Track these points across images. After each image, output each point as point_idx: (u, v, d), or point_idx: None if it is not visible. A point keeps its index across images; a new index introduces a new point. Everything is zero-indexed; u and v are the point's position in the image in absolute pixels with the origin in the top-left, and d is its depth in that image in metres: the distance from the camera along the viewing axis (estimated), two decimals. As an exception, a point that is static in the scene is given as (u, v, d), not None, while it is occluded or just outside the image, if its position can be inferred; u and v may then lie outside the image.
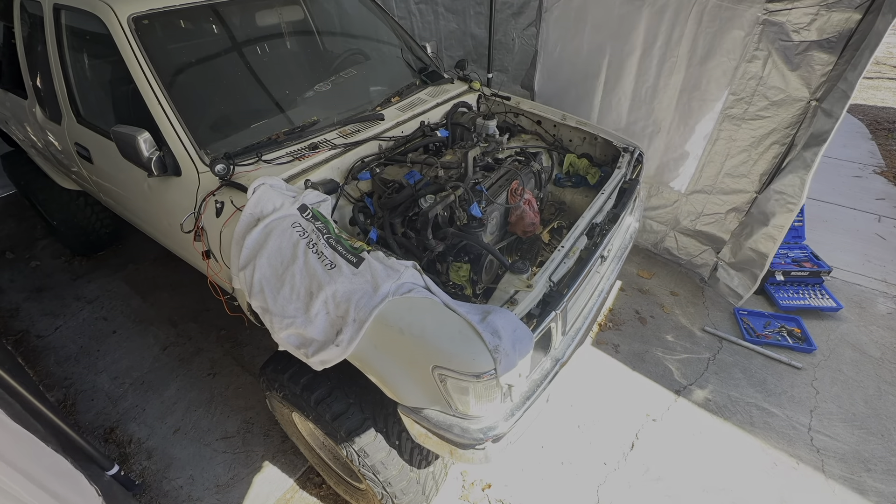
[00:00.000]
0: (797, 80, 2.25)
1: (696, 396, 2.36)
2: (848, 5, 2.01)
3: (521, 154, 2.09)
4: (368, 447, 1.46)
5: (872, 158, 4.66)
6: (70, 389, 2.50)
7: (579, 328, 1.68)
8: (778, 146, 2.45)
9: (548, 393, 1.49)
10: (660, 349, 2.61)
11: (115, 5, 1.77)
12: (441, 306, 1.24)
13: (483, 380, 1.18)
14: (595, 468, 2.07)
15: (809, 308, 2.76)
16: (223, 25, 2.12)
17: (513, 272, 1.44)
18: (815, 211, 3.70)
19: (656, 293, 2.99)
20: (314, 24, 2.60)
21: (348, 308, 1.25)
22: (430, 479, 1.71)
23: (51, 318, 2.95)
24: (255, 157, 1.70)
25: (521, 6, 3.15)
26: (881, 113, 5.81)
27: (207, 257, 1.68)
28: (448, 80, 2.56)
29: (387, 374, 1.30)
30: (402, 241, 1.60)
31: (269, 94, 2.09)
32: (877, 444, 2.13)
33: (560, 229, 2.14)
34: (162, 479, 2.09)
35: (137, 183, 1.91)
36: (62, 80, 2.10)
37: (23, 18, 2.36)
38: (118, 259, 3.45)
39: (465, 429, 1.29)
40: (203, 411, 2.36)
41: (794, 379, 2.43)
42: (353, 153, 1.87)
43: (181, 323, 2.86)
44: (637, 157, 2.15)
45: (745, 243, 2.68)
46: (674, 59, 2.59)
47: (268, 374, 1.65)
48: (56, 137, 2.36)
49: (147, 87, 1.70)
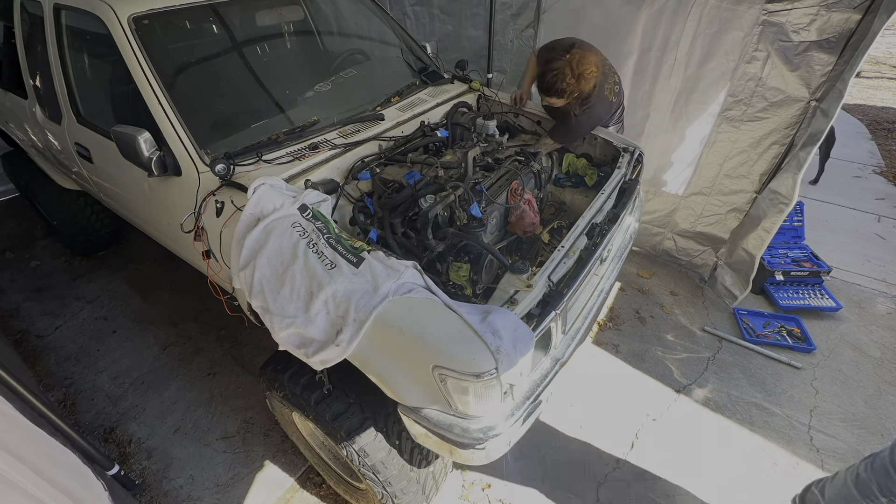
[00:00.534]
0: (797, 81, 2.26)
1: (696, 396, 2.36)
2: (848, 5, 2.01)
3: (521, 154, 2.09)
4: (368, 447, 1.46)
5: (872, 158, 4.66)
6: (70, 389, 2.50)
7: (579, 328, 1.68)
8: (777, 146, 2.45)
9: (548, 392, 1.49)
10: (660, 349, 2.61)
11: (115, 5, 1.77)
12: (441, 306, 1.25)
13: (483, 379, 1.18)
14: (595, 468, 2.07)
15: (809, 308, 2.76)
16: (223, 25, 2.12)
17: (513, 272, 1.44)
18: (814, 211, 3.70)
19: (656, 293, 2.99)
20: (314, 24, 2.60)
21: (348, 308, 1.25)
22: (430, 479, 1.71)
23: (51, 318, 2.95)
24: (255, 156, 1.70)
25: (519, 7, 3.15)
26: (881, 113, 5.82)
27: (207, 257, 1.69)
28: (448, 80, 2.56)
29: (387, 373, 1.30)
30: (402, 241, 1.60)
31: (269, 93, 2.09)
32: (877, 443, 2.13)
33: (560, 229, 2.15)
34: (162, 478, 2.09)
35: (138, 183, 1.91)
36: (62, 79, 2.10)
37: (23, 18, 2.36)
38: (118, 259, 3.45)
39: (465, 428, 1.30)
40: (203, 411, 2.36)
41: (793, 378, 2.43)
42: (353, 153, 1.87)
43: (181, 323, 2.87)
44: (637, 157, 2.15)
45: (739, 243, 2.69)
46: (672, 60, 2.59)
47: (268, 373, 1.65)
48: (56, 137, 2.36)
49: (147, 86, 1.70)
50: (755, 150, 2.53)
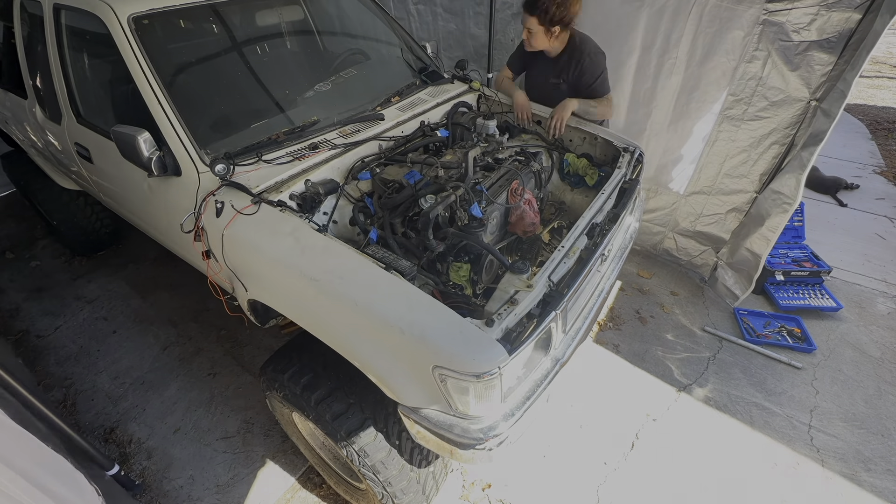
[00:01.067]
0: (797, 81, 2.25)
1: (697, 396, 2.36)
2: (848, 5, 2.01)
3: (522, 154, 2.09)
4: (368, 447, 1.46)
5: (872, 158, 4.66)
6: (70, 389, 2.50)
7: (579, 328, 1.67)
8: (778, 146, 2.45)
9: (548, 393, 1.49)
10: (660, 349, 2.61)
11: (115, 5, 1.76)
12: (442, 306, 1.25)
13: (484, 380, 1.18)
14: (595, 468, 2.07)
15: (809, 308, 2.76)
16: (223, 25, 2.12)
17: (513, 272, 1.44)
18: (814, 211, 3.70)
19: (656, 293, 2.99)
20: (314, 24, 2.60)
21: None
22: (430, 479, 1.71)
23: (51, 318, 2.95)
24: (255, 156, 1.70)
25: (521, 6, 3.15)
26: (881, 113, 5.82)
27: (208, 257, 1.68)
28: (448, 79, 2.56)
29: (387, 373, 1.30)
30: (402, 241, 1.60)
31: (269, 93, 2.09)
32: (877, 443, 2.13)
33: (560, 229, 2.14)
34: (162, 478, 2.09)
35: (137, 183, 1.90)
36: (62, 79, 2.10)
37: (23, 18, 2.35)
38: (118, 259, 3.45)
39: (465, 429, 1.29)
40: (203, 411, 2.35)
41: (794, 378, 2.43)
42: (353, 153, 1.87)
43: (181, 323, 2.86)
44: (637, 157, 2.15)
45: (742, 243, 2.68)
46: (673, 60, 2.59)
47: (268, 373, 1.65)
48: (56, 137, 2.36)
49: (147, 86, 1.69)
50: (755, 150, 2.53)
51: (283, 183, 1.66)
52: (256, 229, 1.51)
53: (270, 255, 1.47)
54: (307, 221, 1.50)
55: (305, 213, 1.59)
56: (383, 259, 1.39)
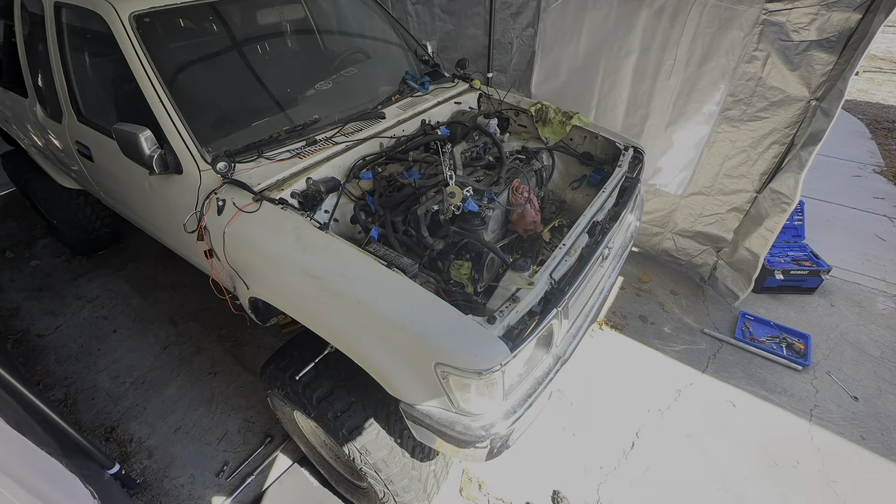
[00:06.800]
0: (797, 80, 2.26)
1: (697, 395, 2.36)
2: (848, 5, 2.01)
3: (522, 152, 2.09)
4: (370, 445, 1.47)
5: (872, 158, 4.67)
6: (71, 388, 2.49)
7: (580, 326, 1.68)
8: (777, 146, 2.45)
9: (549, 390, 1.50)
10: (660, 348, 2.61)
11: (116, 3, 1.77)
12: (444, 303, 1.25)
13: (485, 377, 1.18)
14: (595, 467, 2.07)
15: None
16: (224, 24, 2.12)
17: (514, 270, 1.44)
18: (814, 210, 3.71)
19: (656, 292, 2.99)
20: (315, 23, 2.60)
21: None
22: (431, 477, 1.71)
23: (51, 318, 2.94)
24: (256, 154, 1.70)
25: (520, 6, 3.15)
26: (881, 112, 5.83)
27: (210, 256, 1.68)
28: (448, 78, 2.56)
29: (388, 370, 1.30)
30: (403, 239, 1.60)
31: (270, 92, 2.09)
32: (877, 442, 2.13)
33: (561, 227, 2.15)
34: (163, 477, 2.09)
35: (138, 181, 1.90)
36: (63, 78, 2.10)
37: (23, 17, 2.35)
38: (118, 258, 3.45)
39: (467, 426, 1.30)
40: (204, 410, 2.35)
41: (793, 378, 2.43)
42: (354, 151, 1.87)
43: (182, 322, 2.86)
44: (638, 156, 2.15)
45: (741, 243, 2.68)
46: (672, 60, 2.59)
47: (269, 372, 1.65)
48: (57, 136, 2.36)
49: (148, 85, 1.69)
50: (755, 150, 2.53)
51: (284, 181, 1.66)
52: (258, 227, 1.51)
53: (272, 252, 1.47)
54: (309, 219, 1.50)
55: (307, 211, 1.59)
56: (385, 257, 1.40)
